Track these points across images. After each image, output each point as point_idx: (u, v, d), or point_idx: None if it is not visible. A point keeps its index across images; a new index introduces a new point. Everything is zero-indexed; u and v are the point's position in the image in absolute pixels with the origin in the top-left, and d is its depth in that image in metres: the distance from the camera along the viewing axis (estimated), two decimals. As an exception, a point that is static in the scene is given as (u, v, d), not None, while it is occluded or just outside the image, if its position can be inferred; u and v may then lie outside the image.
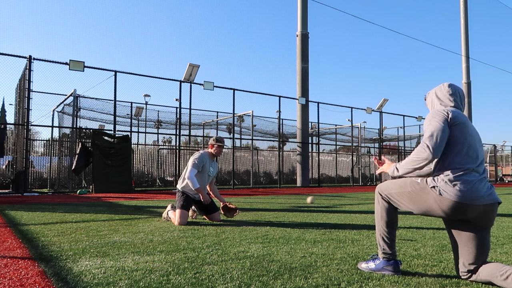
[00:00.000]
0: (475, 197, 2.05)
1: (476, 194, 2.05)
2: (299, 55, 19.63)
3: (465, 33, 31.90)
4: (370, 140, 25.87)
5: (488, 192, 2.09)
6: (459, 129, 2.15)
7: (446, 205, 2.09)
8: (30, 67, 11.44)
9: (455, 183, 2.07)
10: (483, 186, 2.09)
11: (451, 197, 2.06)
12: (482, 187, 2.08)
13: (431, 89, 2.48)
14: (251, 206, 7.34)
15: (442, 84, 2.42)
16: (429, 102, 2.46)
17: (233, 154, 17.27)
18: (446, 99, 2.34)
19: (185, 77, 14.36)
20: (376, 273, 2.34)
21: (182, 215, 4.54)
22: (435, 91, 2.42)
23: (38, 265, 2.52)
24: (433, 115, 2.21)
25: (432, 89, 2.47)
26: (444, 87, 2.39)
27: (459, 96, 2.36)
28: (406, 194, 2.26)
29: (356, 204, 8.03)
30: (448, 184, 2.08)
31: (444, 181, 2.10)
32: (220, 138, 5.05)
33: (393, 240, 2.37)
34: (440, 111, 2.21)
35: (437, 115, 2.19)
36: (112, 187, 12.02)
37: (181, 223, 4.48)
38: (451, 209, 2.09)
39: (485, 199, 2.07)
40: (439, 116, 2.18)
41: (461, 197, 2.04)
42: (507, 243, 3.49)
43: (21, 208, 6.63)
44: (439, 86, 2.43)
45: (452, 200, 2.06)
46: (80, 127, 14.49)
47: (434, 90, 2.44)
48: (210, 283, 2.14)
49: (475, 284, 2.16)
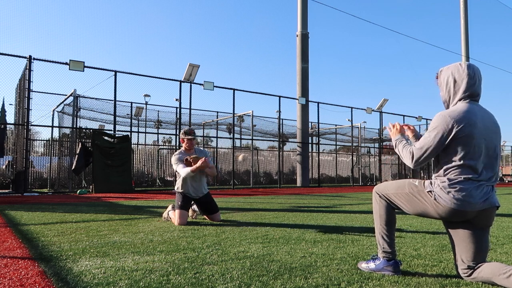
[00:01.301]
0: (469, 204, 2.06)
1: (471, 200, 2.05)
2: (299, 55, 19.62)
3: (465, 33, 31.88)
4: (370, 140, 25.87)
5: (484, 198, 2.07)
6: (463, 141, 2.05)
7: (441, 210, 2.12)
8: (30, 67, 11.44)
9: (449, 191, 2.08)
10: (479, 192, 2.06)
11: (446, 203, 2.09)
12: (477, 194, 2.06)
13: (446, 66, 2.24)
14: (251, 206, 7.34)
15: (460, 64, 2.17)
16: (442, 82, 2.24)
17: (233, 154, 17.27)
18: (464, 83, 2.13)
19: (185, 77, 14.36)
20: (376, 273, 2.34)
21: (181, 215, 4.55)
22: (451, 71, 2.18)
23: (38, 265, 2.52)
24: (438, 122, 2.10)
25: (448, 67, 2.23)
26: (462, 69, 2.15)
27: (478, 79, 2.15)
28: (403, 196, 2.27)
29: (356, 204, 8.03)
30: (443, 191, 2.10)
31: (439, 187, 2.12)
32: (188, 130, 4.94)
33: (392, 238, 2.37)
34: (447, 122, 2.07)
35: (441, 125, 2.08)
36: (112, 187, 12.02)
37: (181, 223, 4.49)
38: (446, 214, 2.12)
39: (480, 206, 2.07)
40: (442, 127, 2.07)
41: (456, 204, 2.07)
42: (507, 243, 3.49)
43: (21, 208, 6.63)
44: (456, 65, 2.19)
45: (447, 206, 2.09)
46: (80, 127, 14.49)
47: (450, 69, 2.20)
48: (210, 283, 2.14)
49: (475, 284, 2.16)
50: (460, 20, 32.16)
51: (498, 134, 2.19)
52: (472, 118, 2.07)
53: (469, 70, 2.15)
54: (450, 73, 2.20)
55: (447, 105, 2.25)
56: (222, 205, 7.43)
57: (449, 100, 2.23)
